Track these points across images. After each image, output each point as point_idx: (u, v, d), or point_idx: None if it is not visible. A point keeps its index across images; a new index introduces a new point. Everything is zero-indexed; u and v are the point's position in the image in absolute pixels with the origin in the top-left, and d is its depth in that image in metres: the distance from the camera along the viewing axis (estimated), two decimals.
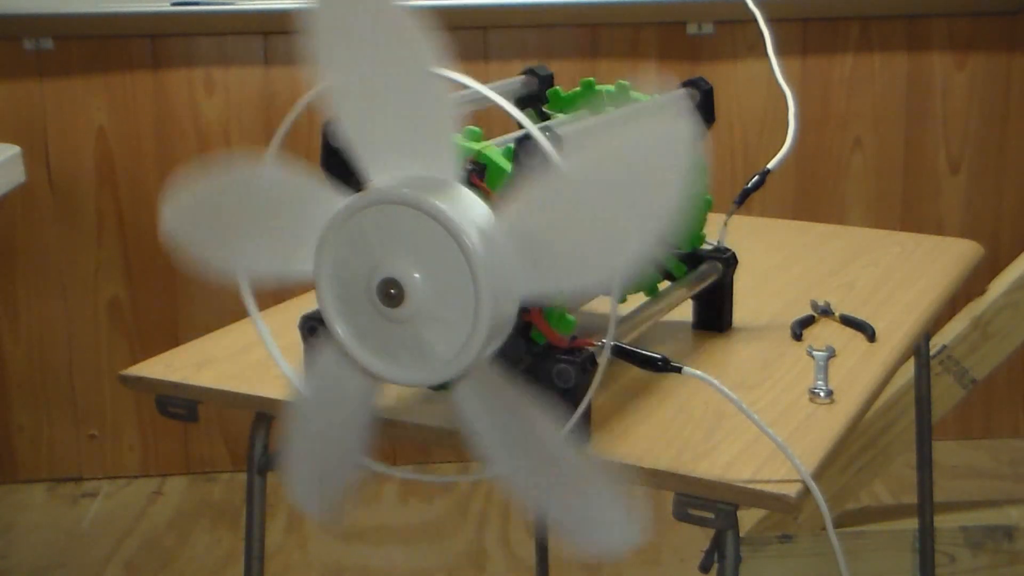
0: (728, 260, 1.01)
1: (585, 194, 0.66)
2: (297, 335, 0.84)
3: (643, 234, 0.65)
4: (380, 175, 0.72)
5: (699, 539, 1.91)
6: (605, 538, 0.73)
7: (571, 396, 0.76)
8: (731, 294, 1.03)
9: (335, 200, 0.73)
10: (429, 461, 2.34)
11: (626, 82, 0.97)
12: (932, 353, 1.69)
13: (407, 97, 0.69)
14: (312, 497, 0.82)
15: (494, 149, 0.78)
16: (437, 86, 0.68)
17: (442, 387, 0.76)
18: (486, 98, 0.72)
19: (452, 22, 0.67)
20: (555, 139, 0.76)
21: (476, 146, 0.79)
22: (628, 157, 0.65)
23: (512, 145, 0.77)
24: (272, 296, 0.91)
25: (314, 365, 0.79)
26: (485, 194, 0.73)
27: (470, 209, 0.70)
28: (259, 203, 0.76)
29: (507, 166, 0.76)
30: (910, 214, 2.38)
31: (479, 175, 0.76)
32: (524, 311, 0.74)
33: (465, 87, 0.69)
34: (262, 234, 0.77)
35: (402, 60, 0.68)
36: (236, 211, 0.77)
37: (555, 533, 0.74)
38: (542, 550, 1.71)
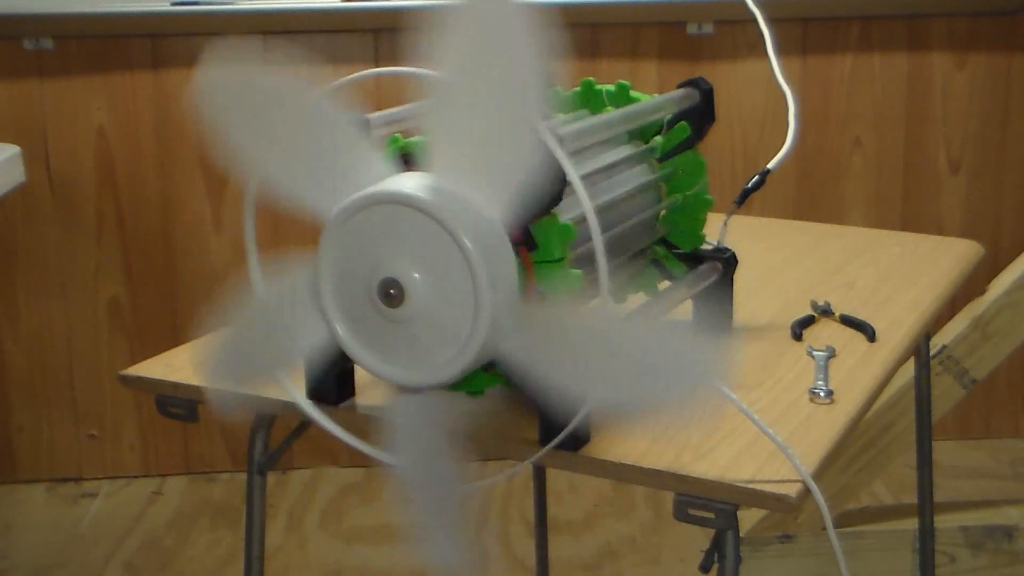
0: (728, 260, 1.01)
1: None
2: None
3: None
4: (437, 170, 0.72)
5: (699, 539, 1.91)
6: (435, 552, 0.77)
7: None
8: (731, 294, 1.03)
9: (369, 153, 0.73)
10: None
11: (626, 82, 0.97)
12: (932, 353, 1.69)
13: (504, 114, 0.69)
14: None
15: None
16: (536, 113, 0.68)
17: (441, 387, 0.76)
18: None
19: None
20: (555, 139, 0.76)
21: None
22: None
23: None
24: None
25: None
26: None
27: (475, 218, 0.70)
28: (297, 122, 0.75)
29: None
30: (910, 214, 2.38)
31: None
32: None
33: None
34: (287, 150, 0.75)
35: (507, 70, 0.68)
36: (271, 116, 0.75)
37: (407, 532, 0.78)
38: (542, 550, 1.71)
